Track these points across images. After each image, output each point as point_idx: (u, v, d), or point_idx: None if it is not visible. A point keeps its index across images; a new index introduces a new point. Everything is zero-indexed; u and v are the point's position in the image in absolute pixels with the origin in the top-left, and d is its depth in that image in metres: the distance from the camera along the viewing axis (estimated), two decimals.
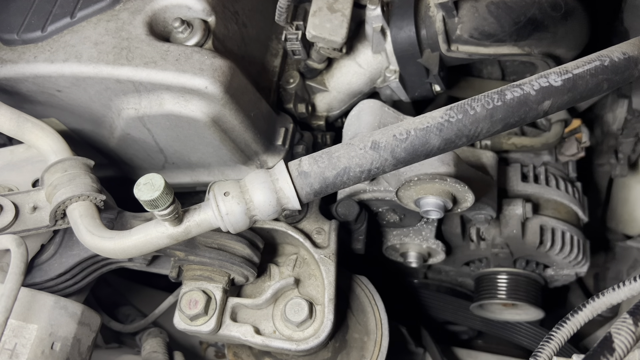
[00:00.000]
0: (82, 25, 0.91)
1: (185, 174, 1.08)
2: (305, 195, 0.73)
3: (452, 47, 1.02)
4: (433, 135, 0.70)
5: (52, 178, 0.79)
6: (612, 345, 0.58)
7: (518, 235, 1.10)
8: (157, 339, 1.05)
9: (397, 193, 0.98)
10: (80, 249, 0.87)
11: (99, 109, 0.95)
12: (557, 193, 1.14)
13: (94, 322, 0.85)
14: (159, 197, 0.65)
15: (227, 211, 0.71)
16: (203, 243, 0.87)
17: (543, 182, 1.15)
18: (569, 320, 0.71)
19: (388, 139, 0.71)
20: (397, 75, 1.08)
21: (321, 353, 0.94)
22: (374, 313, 0.96)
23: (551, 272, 1.20)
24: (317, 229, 0.96)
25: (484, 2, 1.00)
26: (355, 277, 1.00)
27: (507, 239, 1.12)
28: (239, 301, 0.90)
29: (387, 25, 1.04)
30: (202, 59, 0.86)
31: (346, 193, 1.05)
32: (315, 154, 0.74)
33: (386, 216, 1.10)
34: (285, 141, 1.04)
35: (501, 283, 1.19)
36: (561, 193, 1.15)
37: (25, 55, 0.90)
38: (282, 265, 0.96)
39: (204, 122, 0.89)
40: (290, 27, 1.05)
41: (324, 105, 1.18)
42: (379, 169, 0.72)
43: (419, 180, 0.93)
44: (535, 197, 1.14)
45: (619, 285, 0.70)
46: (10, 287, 0.71)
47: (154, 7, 0.91)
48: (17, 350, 0.74)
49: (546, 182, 1.16)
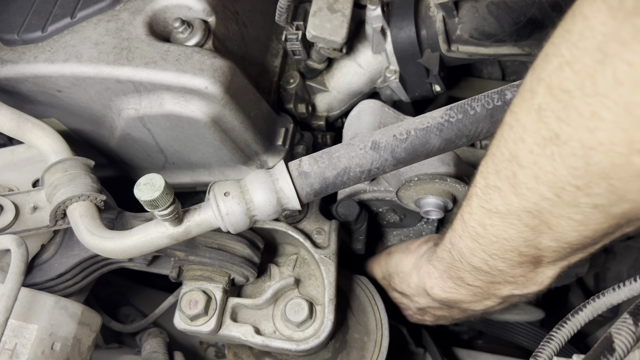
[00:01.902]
0: (83, 26, 0.91)
1: (185, 174, 1.08)
2: (305, 195, 0.73)
3: (452, 47, 1.02)
4: (433, 135, 0.70)
5: (53, 178, 0.79)
6: (612, 345, 0.58)
7: None
8: (157, 339, 1.05)
9: (397, 193, 0.98)
10: (81, 249, 0.87)
11: (99, 109, 0.95)
12: None
13: (94, 322, 0.85)
14: (159, 197, 0.65)
15: (228, 211, 0.71)
16: (203, 243, 0.87)
17: None
18: (569, 320, 0.71)
19: (388, 139, 0.71)
20: (397, 75, 1.08)
21: (321, 353, 0.94)
22: (374, 313, 0.96)
23: None
24: (317, 229, 0.96)
25: (484, 2, 1.00)
26: (356, 277, 1.00)
27: None
28: (239, 301, 0.90)
29: (387, 25, 1.04)
30: (203, 59, 0.86)
31: (346, 193, 1.05)
32: (315, 154, 0.74)
33: (386, 216, 1.10)
34: (286, 141, 1.04)
35: None
36: None
37: (26, 55, 0.90)
38: (282, 266, 0.96)
39: (204, 122, 0.89)
40: (290, 27, 1.05)
41: (324, 105, 1.18)
42: (379, 169, 0.72)
43: (419, 180, 0.93)
44: None
45: (619, 286, 0.70)
46: (10, 287, 0.71)
47: (154, 7, 0.91)
48: (18, 350, 0.74)
49: None
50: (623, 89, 0.43)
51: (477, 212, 0.65)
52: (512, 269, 0.68)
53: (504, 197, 0.59)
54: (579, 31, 0.46)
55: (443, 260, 0.78)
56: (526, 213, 0.58)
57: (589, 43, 0.45)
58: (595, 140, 0.46)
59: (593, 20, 0.45)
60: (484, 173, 0.63)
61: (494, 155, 0.60)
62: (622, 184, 0.47)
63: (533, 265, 0.68)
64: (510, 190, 0.58)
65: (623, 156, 0.45)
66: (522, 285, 0.72)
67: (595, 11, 0.45)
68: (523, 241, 0.62)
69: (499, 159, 0.59)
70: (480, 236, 0.67)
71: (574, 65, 0.47)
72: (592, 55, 0.45)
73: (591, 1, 0.46)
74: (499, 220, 0.62)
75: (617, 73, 0.43)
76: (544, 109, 0.51)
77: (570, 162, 0.49)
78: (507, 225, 0.62)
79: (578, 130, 0.47)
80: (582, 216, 0.53)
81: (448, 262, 0.77)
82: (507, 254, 0.65)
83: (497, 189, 0.60)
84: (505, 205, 0.60)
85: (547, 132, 0.50)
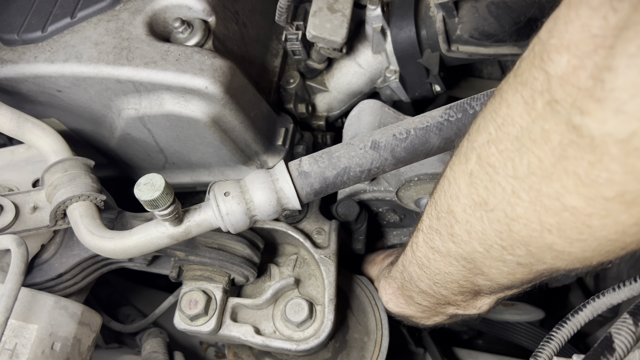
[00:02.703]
0: (83, 26, 0.91)
1: (185, 174, 1.08)
2: (305, 195, 0.73)
3: (452, 47, 1.02)
4: (433, 134, 0.70)
5: (53, 178, 0.79)
6: (612, 345, 0.58)
7: None
8: (157, 339, 1.05)
9: (397, 193, 0.98)
10: (81, 249, 0.87)
11: (99, 109, 0.95)
12: None
13: (94, 322, 0.85)
14: (159, 197, 0.65)
15: (228, 211, 0.71)
16: (203, 243, 0.87)
17: None
18: (569, 320, 0.71)
19: (388, 138, 0.71)
20: (397, 75, 1.08)
21: (321, 353, 0.94)
22: (374, 313, 0.96)
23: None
24: (317, 229, 0.96)
25: (484, 2, 1.00)
26: (356, 277, 1.00)
27: None
28: (239, 301, 0.90)
29: (387, 25, 1.04)
30: (202, 59, 0.86)
31: (346, 193, 1.05)
32: (315, 153, 0.74)
33: (386, 216, 1.10)
34: (286, 141, 1.04)
35: None
36: None
37: (26, 55, 0.90)
38: (282, 265, 0.96)
39: (204, 122, 0.89)
40: (290, 27, 1.05)
41: (324, 105, 1.18)
42: (379, 169, 0.72)
43: (419, 180, 0.93)
44: None
45: (619, 286, 0.70)
46: (10, 287, 0.71)
47: (154, 7, 0.91)
48: (18, 350, 0.74)
49: None
50: (535, 178, 0.48)
51: (422, 246, 0.71)
52: (454, 295, 0.74)
53: (443, 241, 0.65)
54: (503, 116, 0.51)
55: (396, 279, 0.85)
56: (462, 258, 0.63)
57: (510, 130, 0.50)
58: (515, 213, 0.51)
59: (513, 111, 0.50)
60: (429, 214, 0.68)
61: (435, 202, 0.65)
62: (538, 251, 0.53)
63: (472, 294, 0.74)
64: (448, 238, 0.63)
65: (537, 232, 0.50)
66: (464, 308, 0.79)
67: (515, 103, 0.50)
68: (462, 277, 0.68)
69: (440, 208, 0.64)
70: (425, 266, 0.72)
71: (499, 145, 0.52)
72: (512, 142, 0.50)
73: (513, 92, 0.50)
74: (439, 257, 0.68)
75: (530, 164, 0.48)
76: (475, 176, 0.56)
77: (496, 226, 0.55)
78: (447, 264, 0.67)
79: (502, 202, 0.52)
80: (509, 269, 0.59)
81: (400, 282, 0.83)
82: (449, 284, 0.71)
83: (437, 232, 0.66)
84: (444, 248, 0.65)
85: (477, 198, 0.56)
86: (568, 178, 0.45)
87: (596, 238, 0.47)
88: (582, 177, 0.43)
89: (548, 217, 0.48)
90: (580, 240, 0.48)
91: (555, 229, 0.48)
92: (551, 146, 0.46)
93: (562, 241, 0.49)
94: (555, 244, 0.50)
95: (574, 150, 0.43)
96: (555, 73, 0.45)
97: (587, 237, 0.47)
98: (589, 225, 0.46)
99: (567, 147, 0.44)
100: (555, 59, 0.45)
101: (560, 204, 0.46)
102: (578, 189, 0.44)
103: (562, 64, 0.44)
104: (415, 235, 0.73)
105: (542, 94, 0.46)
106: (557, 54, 0.45)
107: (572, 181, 0.44)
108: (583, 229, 0.46)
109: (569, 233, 0.48)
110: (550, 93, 0.45)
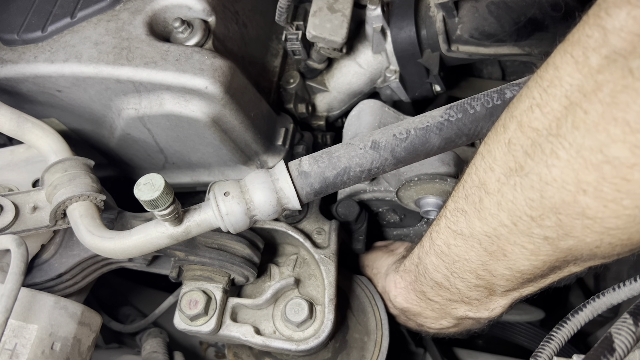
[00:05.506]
0: (83, 26, 0.91)
1: (185, 174, 1.08)
2: (305, 195, 0.73)
3: (452, 47, 1.02)
4: (433, 134, 0.70)
5: (52, 178, 0.79)
6: (612, 345, 0.58)
7: None
8: (157, 339, 1.05)
9: (397, 193, 0.98)
10: (81, 249, 0.87)
11: (99, 109, 0.95)
12: None
13: (94, 322, 0.85)
14: (159, 197, 0.65)
15: (227, 211, 0.71)
16: (203, 243, 0.87)
17: None
18: (569, 320, 0.71)
19: (388, 138, 0.71)
20: (397, 75, 1.08)
21: (321, 353, 0.94)
22: (374, 313, 0.96)
23: None
24: (317, 229, 0.96)
25: (484, 2, 1.00)
26: (356, 277, 1.00)
27: None
28: (239, 301, 0.90)
29: (387, 25, 1.04)
30: (202, 59, 0.86)
31: (346, 193, 1.05)
32: (315, 153, 0.74)
33: (386, 216, 1.10)
34: (286, 141, 1.04)
35: None
36: None
37: (26, 55, 0.90)
38: (282, 266, 0.96)
39: (204, 122, 0.89)
40: (290, 27, 1.05)
41: (324, 105, 1.18)
42: (379, 169, 0.72)
43: (419, 180, 0.93)
44: None
45: (619, 286, 0.70)
46: (10, 287, 0.71)
47: (154, 7, 0.91)
48: (17, 350, 0.74)
49: None
50: (578, 132, 0.49)
51: (444, 232, 0.72)
52: (468, 290, 0.75)
53: (469, 220, 0.66)
54: (550, 79, 0.53)
55: (410, 272, 0.85)
56: (486, 238, 0.65)
57: (557, 91, 0.52)
58: (550, 176, 0.52)
59: (562, 71, 0.52)
60: (454, 197, 0.69)
61: (465, 181, 0.67)
62: (568, 220, 0.53)
63: (487, 291, 0.74)
64: (474, 215, 0.65)
65: (571, 194, 0.51)
66: (476, 308, 0.79)
67: (565, 64, 0.52)
68: (481, 264, 0.69)
69: (469, 185, 0.65)
70: (444, 254, 0.73)
71: (543, 107, 0.53)
72: (559, 100, 0.52)
73: (562, 55, 0.53)
74: (462, 241, 0.69)
75: (575, 119, 0.49)
76: (514, 143, 0.57)
77: (529, 193, 0.56)
78: (468, 247, 0.68)
79: (539, 164, 0.54)
80: (534, 246, 0.60)
81: (414, 275, 0.83)
82: (466, 274, 0.72)
83: (463, 212, 0.67)
84: (469, 228, 0.67)
85: (513, 164, 0.57)
86: (616, 126, 0.45)
87: (633, 197, 0.47)
88: (631, 123, 0.45)
89: (586, 174, 0.49)
90: (615, 201, 0.48)
91: (592, 188, 0.49)
92: (601, 96, 0.47)
93: (597, 203, 0.49)
94: (589, 208, 0.50)
95: (626, 96, 0.45)
96: (614, 27, 0.47)
97: (624, 195, 0.47)
98: (629, 179, 0.46)
99: (619, 93, 0.45)
100: (614, 13, 0.47)
101: (603, 156, 0.47)
102: (625, 136, 0.45)
103: (622, 17, 0.46)
104: (435, 223, 0.74)
105: (596, 49, 0.48)
106: (617, 8, 0.47)
107: (620, 128, 0.45)
108: (621, 185, 0.47)
109: (605, 192, 0.48)
110: (607, 46, 0.47)
